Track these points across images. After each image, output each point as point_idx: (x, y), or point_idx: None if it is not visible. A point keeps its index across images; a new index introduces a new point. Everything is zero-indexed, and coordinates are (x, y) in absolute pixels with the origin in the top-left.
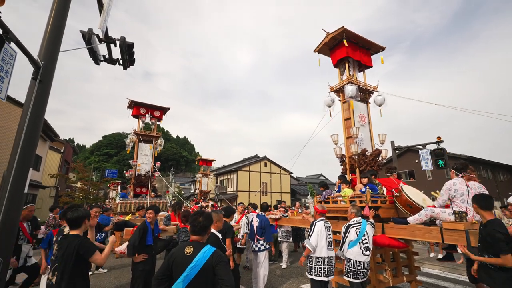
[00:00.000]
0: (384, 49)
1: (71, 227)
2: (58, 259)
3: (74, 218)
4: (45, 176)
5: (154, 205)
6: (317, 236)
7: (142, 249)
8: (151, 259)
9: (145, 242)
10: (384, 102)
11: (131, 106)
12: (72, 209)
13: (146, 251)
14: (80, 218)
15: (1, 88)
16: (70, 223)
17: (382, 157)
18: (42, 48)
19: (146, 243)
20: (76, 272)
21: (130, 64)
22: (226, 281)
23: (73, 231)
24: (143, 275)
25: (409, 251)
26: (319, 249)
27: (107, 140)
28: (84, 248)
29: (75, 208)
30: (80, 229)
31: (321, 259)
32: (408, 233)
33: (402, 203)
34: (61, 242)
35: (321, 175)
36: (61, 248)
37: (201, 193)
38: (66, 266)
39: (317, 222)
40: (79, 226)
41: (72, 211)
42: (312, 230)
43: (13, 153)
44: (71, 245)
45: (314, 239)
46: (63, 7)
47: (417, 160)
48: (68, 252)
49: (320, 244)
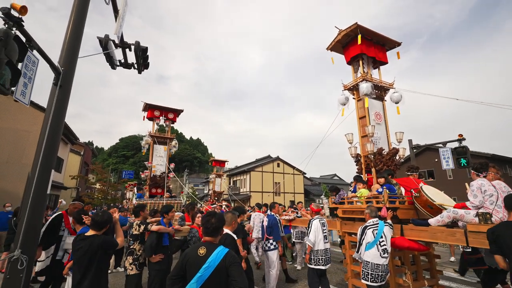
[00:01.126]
0: (400, 44)
1: (93, 228)
2: (78, 259)
3: (102, 221)
4: (67, 178)
5: (168, 205)
6: (314, 232)
7: (159, 249)
8: (167, 259)
9: (162, 243)
10: (401, 99)
11: (146, 109)
12: (101, 213)
13: (162, 252)
14: (106, 222)
15: (25, 93)
16: (95, 224)
17: (400, 156)
18: (62, 55)
19: (163, 243)
20: (99, 270)
21: (144, 68)
22: (239, 283)
23: (92, 232)
24: (160, 274)
25: (430, 254)
26: (317, 243)
27: (123, 142)
28: (109, 243)
29: (103, 212)
30: (101, 231)
31: (319, 251)
32: (429, 235)
33: (422, 203)
34: (78, 243)
35: (335, 175)
36: (81, 249)
37: (215, 194)
38: (90, 264)
39: (313, 220)
40: (101, 229)
41: (101, 215)
42: (309, 228)
43: (37, 156)
44: (94, 243)
45: (312, 236)
46: (81, 15)
47: (436, 159)
48: (92, 250)
49: (317, 238)
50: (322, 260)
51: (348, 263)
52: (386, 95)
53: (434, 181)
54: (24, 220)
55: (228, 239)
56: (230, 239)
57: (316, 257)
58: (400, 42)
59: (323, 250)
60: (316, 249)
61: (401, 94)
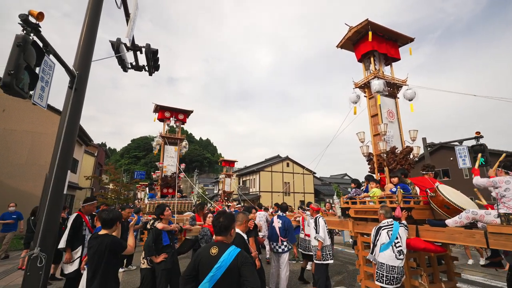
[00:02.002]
0: (413, 40)
1: (103, 226)
2: (90, 257)
3: (109, 219)
4: (81, 178)
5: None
6: (323, 229)
7: (159, 249)
8: (172, 258)
9: (162, 242)
10: (415, 96)
11: (157, 110)
12: (107, 211)
13: (164, 251)
14: (114, 219)
15: (42, 97)
16: (104, 223)
17: (414, 155)
18: (76, 59)
19: (163, 243)
20: (108, 269)
21: (155, 70)
22: (251, 283)
23: (104, 231)
24: (165, 274)
25: (447, 255)
26: (326, 239)
27: (135, 143)
28: (117, 244)
29: (110, 210)
30: (111, 229)
31: (327, 246)
32: (446, 237)
33: (438, 204)
34: (91, 242)
35: (346, 175)
36: (92, 247)
37: (225, 194)
38: (98, 263)
39: (319, 218)
40: (111, 227)
41: (107, 212)
42: (318, 225)
43: (53, 157)
44: (103, 243)
45: (322, 232)
46: (94, 21)
47: (451, 157)
48: (100, 250)
49: (326, 235)
50: (330, 255)
51: (361, 264)
52: (398, 92)
53: (449, 180)
54: (43, 219)
55: (238, 238)
56: (239, 238)
57: (325, 252)
58: (413, 38)
59: (330, 245)
60: (325, 245)
61: (415, 91)
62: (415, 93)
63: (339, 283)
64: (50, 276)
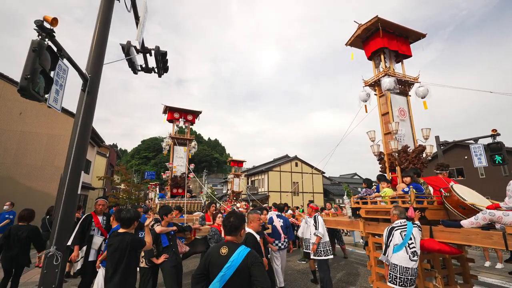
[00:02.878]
0: (425, 36)
1: (122, 225)
2: (110, 255)
3: (128, 218)
4: (94, 179)
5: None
6: (322, 226)
7: (160, 251)
8: (174, 257)
9: (161, 244)
10: (427, 94)
11: (166, 111)
12: (125, 210)
13: (164, 252)
14: (132, 218)
15: (57, 100)
16: (123, 222)
17: (427, 154)
18: (88, 62)
19: (163, 245)
20: (129, 265)
21: (164, 72)
22: (261, 283)
23: (123, 229)
24: (175, 271)
25: (463, 257)
26: (325, 235)
27: (145, 144)
28: (137, 241)
29: (128, 209)
30: (130, 228)
31: (326, 242)
32: (462, 238)
33: (453, 204)
34: (111, 240)
35: (356, 174)
36: (113, 244)
37: (233, 194)
38: (120, 260)
39: (318, 216)
40: (130, 225)
41: (126, 212)
42: (317, 222)
43: (68, 159)
44: (124, 241)
45: (321, 229)
46: (105, 25)
47: (466, 156)
48: (121, 247)
49: (325, 231)
50: (330, 251)
51: (372, 265)
52: (410, 90)
53: (463, 179)
54: (58, 218)
55: (250, 238)
56: (252, 238)
57: (324, 248)
58: (425, 34)
59: (328, 241)
60: (323, 240)
61: (427, 88)
62: (427, 90)
63: (350, 284)
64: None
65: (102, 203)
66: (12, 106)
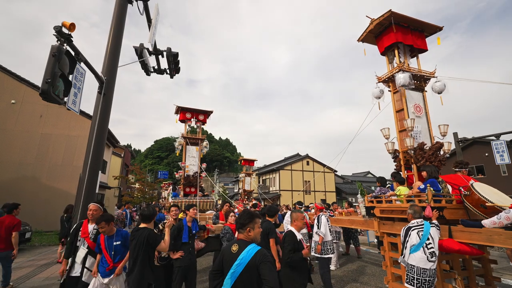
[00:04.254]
0: (442, 29)
1: (143, 221)
2: (132, 249)
3: (148, 215)
4: (110, 178)
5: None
6: (325, 225)
7: (178, 246)
8: (188, 255)
9: (181, 239)
10: (445, 89)
11: (178, 112)
12: (145, 207)
13: (182, 248)
14: (152, 215)
15: (76, 102)
16: (143, 218)
17: (444, 151)
18: (104, 65)
19: (182, 240)
20: (146, 259)
21: (176, 72)
22: (269, 282)
23: (143, 225)
24: (181, 271)
25: (484, 258)
26: (327, 235)
27: (158, 144)
28: (152, 238)
29: (148, 206)
30: (150, 223)
31: (328, 242)
32: (483, 238)
33: (474, 203)
34: (133, 235)
35: (369, 173)
36: (134, 239)
37: (245, 193)
38: (138, 254)
39: (322, 216)
40: (150, 221)
41: (146, 209)
42: (320, 222)
43: (86, 159)
44: (142, 235)
45: (323, 228)
46: (119, 29)
47: (486, 153)
48: (139, 241)
49: (327, 231)
50: (331, 249)
51: (388, 265)
52: (426, 85)
53: (484, 178)
54: (78, 216)
55: (289, 236)
56: (291, 236)
57: (326, 247)
58: (442, 27)
59: (331, 241)
60: (325, 240)
61: (444, 83)
62: (444, 85)
63: (364, 284)
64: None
65: (93, 208)
66: (33, 109)
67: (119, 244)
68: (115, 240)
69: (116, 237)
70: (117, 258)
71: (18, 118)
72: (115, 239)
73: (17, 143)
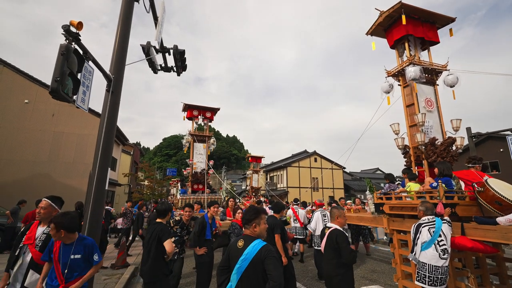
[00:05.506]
0: (454, 20)
1: (158, 216)
2: (146, 242)
3: (163, 210)
4: (120, 175)
5: (215, 201)
6: (315, 222)
7: (201, 242)
8: (211, 252)
9: (205, 236)
10: (457, 82)
11: (185, 109)
12: (161, 203)
13: (205, 245)
14: (166, 210)
15: (84, 100)
16: (158, 213)
17: (457, 147)
18: (112, 64)
19: (206, 237)
20: (158, 254)
21: (182, 70)
22: (273, 277)
23: (159, 220)
24: (207, 266)
25: (499, 256)
26: (317, 230)
27: (166, 142)
28: (163, 232)
29: (163, 202)
30: (165, 218)
31: (318, 236)
32: (498, 236)
33: (488, 199)
34: (149, 228)
35: (378, 169)
36: (148, 233)
37: (252, 190)
38: (151, 248)
39: (316, 212)
40: (165, 216)
41: (161, 204)
42: (312, 218)
43: (95, 156)
44: (156, 230)
45: (313, 224)
46: (126, 27)
47: (502, 148)
48: (153, 236)
49: (318, 226)
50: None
51: (397, 263)
52: (438, 78)
53: (499, 174)
54: (89, 212)
55: (342, 235)
56: (343, 234)
57: (317, 240)
58: (454, 18)
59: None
60: (317, 234)
61: (457, 76)
62: (457, 78)
63: (373, 282)
64: None
65: (42, 206)
66: (45, 108)
67: (79, 258)
68: (73, 251)
69: (75, 248)
70: (74, 275)
71: (31, 117)
72: (73, 250)
73: (31, 142)
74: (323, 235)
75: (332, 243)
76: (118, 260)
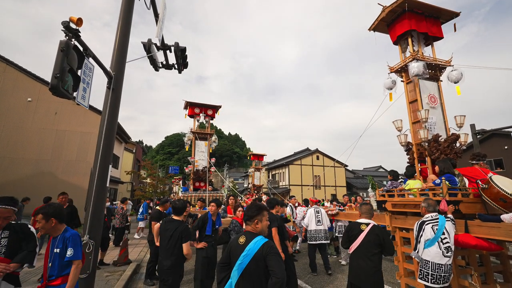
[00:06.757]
0: (459, 15)
1: (175, 214)
2: (167, 238)
3: (180, 208)
4: (122, 173)
5: (217, 198)
6: (308, 218)
7: (203, 238)
8: (212, 248)
9: (205, 231)
10: (461, 78)
11: (187, 107)
12: (177, 200)
13: (205, 240)
14: (183, 208)
15: (85, 97)
16: (175, 211)
17: (461, 143)
18: (112, 61)
19: (206, 232)
20: (181, 254)
21: (184, 67)
22: (276, 273)
23: (176, 217)
24: (206, 261)
25: (503, 254)
26: (310, 225)
27: (168, 140)
28: (186, 233)
29: (180, 200)
30: (182, 216)
31: (311, 231)
32: (503, 233)
33: (492, 196)
34: (167, 224)
35: (381, 167)
36: (169, 229)
37: (254, 187)
38: (175, 247)
39: (309, 209)
40: (181, 214)
41: (178, 202)
42: (306, 214)
43: (96, 153)
44: (179, 228)
45: (306, 220)
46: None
47: (506, 146)
48: (176, 234)
49: (311, 222)
50: (315, 237)
51: (400, 260)
52: (441, 74)
53: (503, 171)
54: (90, 209)
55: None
56: (382, 229)
57: (310, 235)
58: (459, 12)
59: (315, 230)
60: (309, 229)
61: (461, 72)
62: (461, 74)
63: None
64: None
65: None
66: (48, 107)
67: (57, 252)
68: (56, 245)
69: (58, 241)
70: (55, 272)
71: (34, 116)
72: (57, 244)
73: (34, 140)
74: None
75: (378, 239)
76: (120, 257)
